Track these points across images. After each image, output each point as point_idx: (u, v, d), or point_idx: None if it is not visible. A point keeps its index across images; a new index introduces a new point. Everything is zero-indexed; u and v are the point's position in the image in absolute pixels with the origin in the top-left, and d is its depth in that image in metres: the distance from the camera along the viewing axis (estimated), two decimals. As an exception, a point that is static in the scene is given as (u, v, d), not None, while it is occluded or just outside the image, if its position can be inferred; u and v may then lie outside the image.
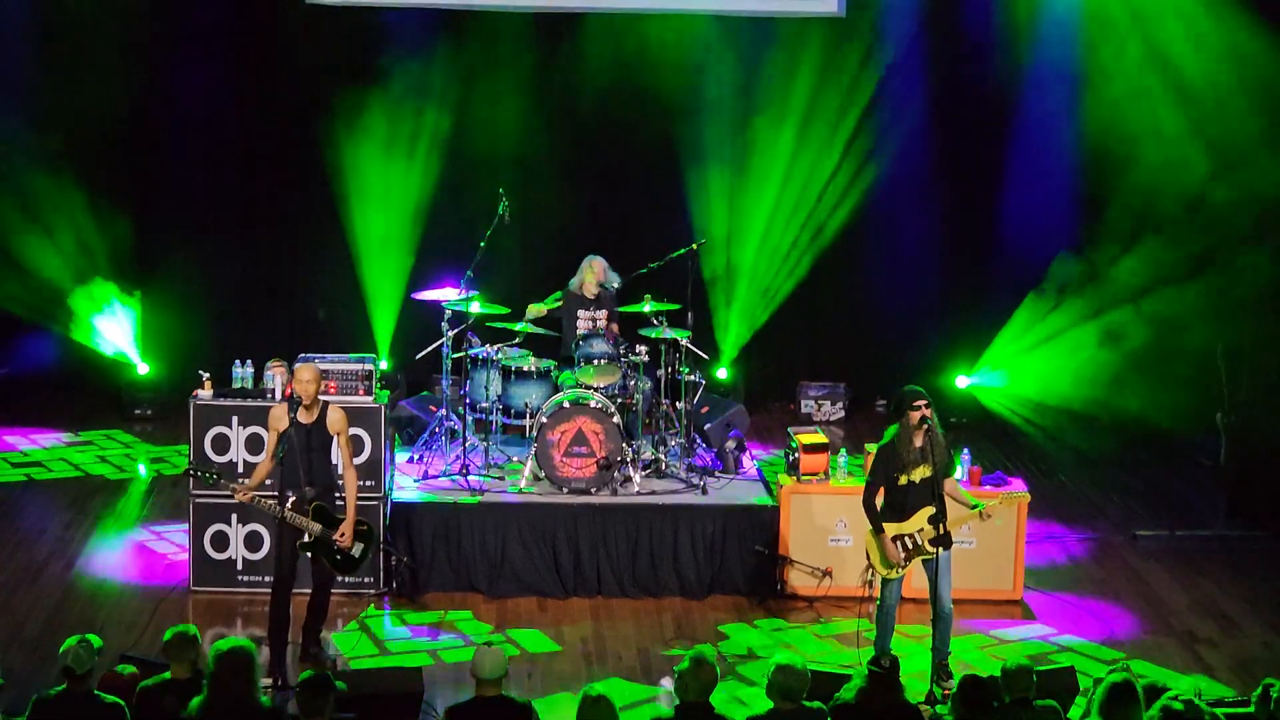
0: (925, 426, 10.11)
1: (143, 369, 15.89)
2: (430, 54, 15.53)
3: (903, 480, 10.21)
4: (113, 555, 12.49)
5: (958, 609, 10.92)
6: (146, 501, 13.64)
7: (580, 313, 13.02)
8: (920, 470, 10.18)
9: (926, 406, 10.14)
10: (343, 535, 10.36)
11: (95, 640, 8.06)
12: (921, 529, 10.20)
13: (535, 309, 13.05)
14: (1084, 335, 15.07)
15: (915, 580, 10.68)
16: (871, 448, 11.44)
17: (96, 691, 7.98)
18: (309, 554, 10.41)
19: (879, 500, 10.37)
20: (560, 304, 13.09)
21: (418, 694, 9.44)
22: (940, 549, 10.23)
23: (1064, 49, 15.43)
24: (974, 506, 10.43)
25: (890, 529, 10.23)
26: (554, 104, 15.83)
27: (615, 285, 13.10)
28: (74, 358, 15.82)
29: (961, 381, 16.09)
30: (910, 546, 10.22)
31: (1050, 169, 15.61)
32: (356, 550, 10.48)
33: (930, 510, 10.19)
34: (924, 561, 10.29)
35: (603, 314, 12.99)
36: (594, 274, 12.99)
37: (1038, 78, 15.54)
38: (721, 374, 15.93)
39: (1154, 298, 14.62)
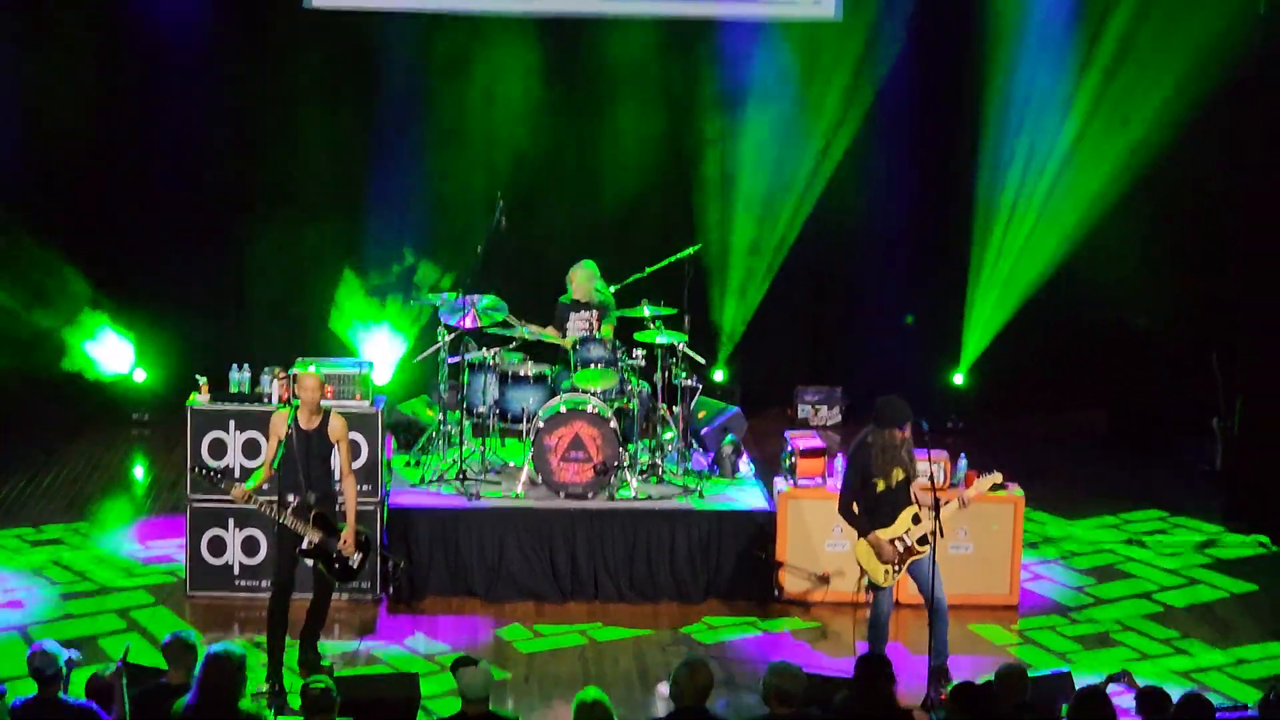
0: (899, 442, 10.19)
1: (139, 376, 15.90)
2: (430, 58, 15.53)
3: (880, 486, 10.25)
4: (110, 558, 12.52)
5: (956, 614, 10.96)
6: (144, 503, 13.71)
7: (572, 315, 13.02)
8: (896, 473, 10.25)
9: (899, 428, 10.20)
10: (345, 543, 10.34)
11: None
12: (909, 529, 10.25)
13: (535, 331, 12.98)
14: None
15: (910, 587, 10.67)
16: None
17: (62, 696, 8.00)
18: (309, 560, 10.39)
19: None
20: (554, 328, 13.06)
21: (414, 700, 9.43)
22: (928, 547, 10.28)
23: (1057, 52, 15.48)
24: (948, 502, 10.39)
25: (882, 534, 10.24)
26: (554, 109, 15.81)
27: (600, 295, 13.05)
28: (68, 382, 15.77)
29: (958, 379, 16.17)
30: (901, 550, 10.25)
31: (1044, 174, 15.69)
32: (354, 559, 10.46)
33: (912, 509, 10.26)
34: (912, 563, 10.31)
35: (594, 314, 12.98)
36: (579, 279, 12.97)
37: (1035, 78, 15.58)
38: (718, 375, 15.93)
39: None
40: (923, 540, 10.24)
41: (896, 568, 10.27)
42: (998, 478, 10.56)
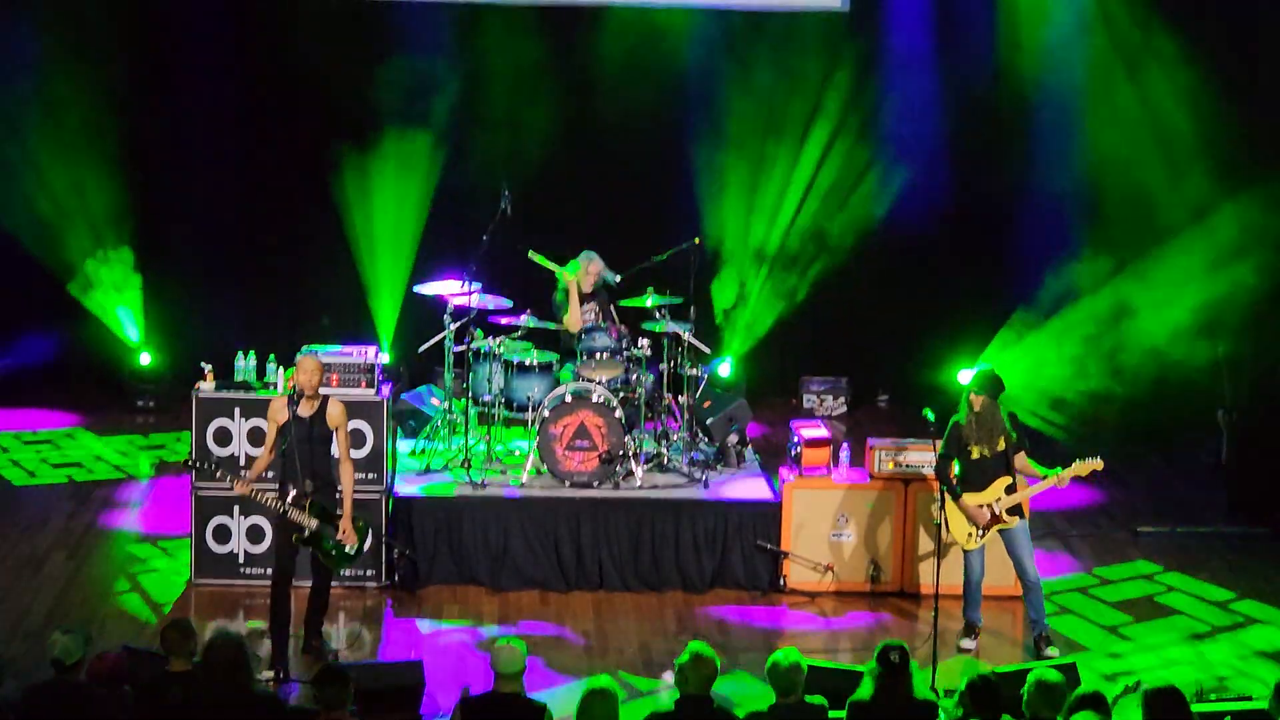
0: (977, 411, 10.73)
1: (144, 359, 15.92)
2: (436, 47, 15.52)
3: (975, 453, 10.78)
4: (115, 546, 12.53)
5: (959, 604, 10.99)
6: (147, 494, 13.72)
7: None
8: (998, 442, 10.74)
9: (974, 394, 10.79)
10: (344, 532, 10.35)
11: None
12: (999, 499, 10.74)
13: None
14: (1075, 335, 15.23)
15: (954, 575, 10.98)
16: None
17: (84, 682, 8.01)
18: (307, 548, 10.40)
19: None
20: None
21: (418, 687, 9.44)
22: (1017, 518, 10.76)
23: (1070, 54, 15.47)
24: (1045, 475, 10.85)
25: (970, 499, 10.76)
26: (558, 98, 15.79)
27: (616, 280, 13.08)
28: (78, 345, 15.83)
29: (963, 376, 16.08)
30: (990, 516, 10.76)
31: (1056, 170, 15.63)
32: (350, 547, 10.47)
33: (1006, 480, 10.76)
34: (1001, 533, 10.80)
35: (595, 305, 12.97)
36: (591, 271, 12.97)
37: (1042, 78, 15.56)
38: (725, 370, 15.90)
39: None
40: (1012, 511, 10.75)
41: (982, 532, 10.77)
42: (1099, 464, 11.01)
